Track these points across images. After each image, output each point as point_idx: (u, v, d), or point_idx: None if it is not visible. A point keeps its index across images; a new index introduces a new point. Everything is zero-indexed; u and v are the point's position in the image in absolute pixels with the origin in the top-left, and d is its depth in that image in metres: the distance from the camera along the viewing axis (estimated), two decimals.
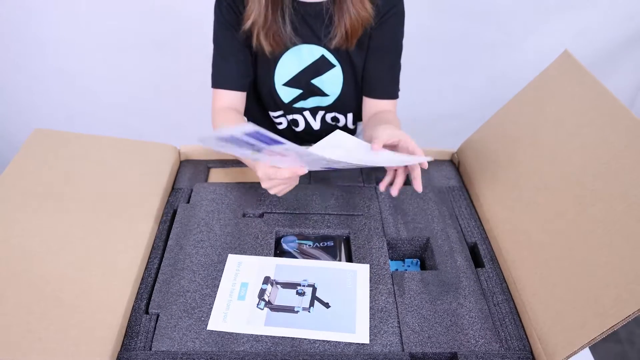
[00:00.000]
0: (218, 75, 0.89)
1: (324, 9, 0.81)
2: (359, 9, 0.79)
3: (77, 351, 0.55)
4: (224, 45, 0.87)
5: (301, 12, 0.83)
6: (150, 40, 1.46)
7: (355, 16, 0.80)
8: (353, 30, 0.81)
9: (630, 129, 0.62)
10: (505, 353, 0.60)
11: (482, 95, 1.53)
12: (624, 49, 1.51)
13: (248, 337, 0.60)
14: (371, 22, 0.82)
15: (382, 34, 0.86)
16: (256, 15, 0.79)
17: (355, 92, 0.94)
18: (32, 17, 1.41)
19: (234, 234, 0.75)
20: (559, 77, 0.77)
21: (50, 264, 0.64)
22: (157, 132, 1.59)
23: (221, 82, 0.89)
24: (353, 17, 0.80)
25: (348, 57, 0.88)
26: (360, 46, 0.87)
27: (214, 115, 0.89)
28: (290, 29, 0.82)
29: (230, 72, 0.88)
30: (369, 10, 0.80)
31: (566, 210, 0.65)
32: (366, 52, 0.88)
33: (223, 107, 0.89)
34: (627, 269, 0.54)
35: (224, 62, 0.87)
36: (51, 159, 0.79)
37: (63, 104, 1.62)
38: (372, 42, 0.87)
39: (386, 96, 0.92)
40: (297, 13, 0.82)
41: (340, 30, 0.82)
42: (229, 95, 0.89)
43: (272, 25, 0.81)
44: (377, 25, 0.84)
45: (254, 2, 0.78)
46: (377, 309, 0.64)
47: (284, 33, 0.82)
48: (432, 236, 0.76)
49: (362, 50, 0.87)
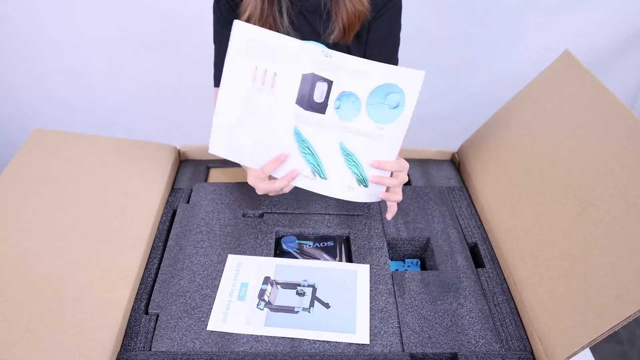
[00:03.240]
0: (220, 73, 0.88)
1: (321, 4, 0.82)
2: (355, 3, 0.80)
3: (77, 351, 0.55)
4: (224, 43, 0.87)
5: (299, 8, 0.83)
6: (150, 40, 1.46)
7: (352, 10, 0.80)
8: (350, 24, 0.82)
9: (630, 128, 0.62)
10: (505, 353, 0.60)
11: (482, 95, 1.53)
12: (625, 49, 1.51)
13: (248, 338, 0.60)
14: (368, 16, 0.82)
15: (380, 27, 0.86)
16: (252, 8, 0.79)
17: None
18: (32, 17, 1.41)
19: (233, 234, 0.75)
20: (559, 77, 0.77)
21: (50, 264, 0.64)
22: (157, 132, 1.58)
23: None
24: (350, 11, 0.80)
25: (347, 52, 0.88)
26: (359, 40, 0.87)
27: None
28: (287, 23, 0.82)
29: None
30: (365, 4, 0.81)
31: (566, 210, 0.65)
32: (364, 46, 0.88)
33: None
34: (627, 269, 0.54)
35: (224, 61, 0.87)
36: (51, 159, 0.79)
37: (63, 104, 1.62)
38: (370, 35, 0.87)
39: None
40: (294, 8, 0.82)
41: (338, 25, 0.82)
42: None
43: (268, 19, 0.81)
44: (374, 19, 0.84)
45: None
46: (377, 309, 0.64)
47: (281, 28, 0.82)
48: (432, 236, 0.76)
49: (360, 44, 0.88)
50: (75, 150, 0.82)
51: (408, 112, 0.65)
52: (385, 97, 0.64)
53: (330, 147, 0.67)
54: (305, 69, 0.64)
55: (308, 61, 0.64)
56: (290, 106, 0.66)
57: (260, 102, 0.67)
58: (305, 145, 0.68)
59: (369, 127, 0.66)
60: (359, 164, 0.68)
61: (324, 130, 0.66)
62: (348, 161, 0.68)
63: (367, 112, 0.65)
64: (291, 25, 0.83)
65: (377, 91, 0.64)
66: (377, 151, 0.67)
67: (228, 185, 0.84)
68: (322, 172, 0.69)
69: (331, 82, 0.64)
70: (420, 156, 0.95)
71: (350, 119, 0.65)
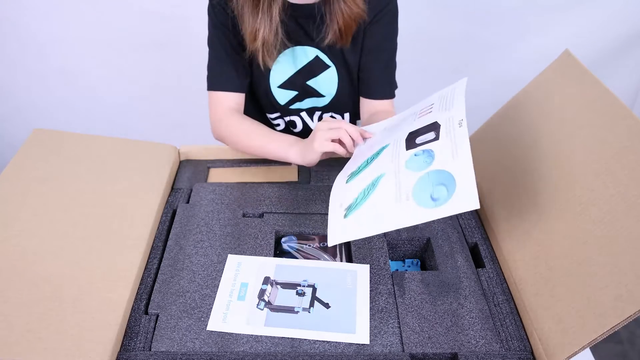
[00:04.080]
0: (217, 77, 0.87)
1: (315, 9, 0.81)
2: (350, 5, 0.79)
3: (77, 351, 0.55)
4: (219, 47, 0.86)
5: (293, 14, 0.82)
6: (150, 40, 1.46)
7: (347, 13, 0.79)
8: (347, 27, 0.81)
9: (630, 128, 0.62)
10: (505, 353, 0.60)
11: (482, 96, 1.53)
12: (625, 49, 1.51)
13: (248, 338, 0.60)
14: (364, 17, 0.82)
15: (376, 32, 0.85)
16: (265, 34, 0.78)
17: (351, 91, 0.94)
18: (32, 17, 1.41)
19: (233, 234, 0.74)
20: (559, 77, 0.77)
21: (50, 264, 0.64)
22: (157, 132, 1.58)
23: (220, 84, 0.87)
24: (345, 14, 0.79)
25: (342, 57, 0.88)
26: (355, 45, 0.86)
27: (222, 119, 0.87)
28: (282, 33, 0.81)
29: (228, 74, 0.87)
30: (360, 6, 0.80)
31: (566, 210, 0.65)
32: (360, 51, 0.88)
33: (228, 108, 0.88)
34: (627, 269, 0.54)
35: (223, 64, 0.86)
36: (51, 159, 0.79)
37: (63, 104, 1.62)
38: (366, 41, 0.86)
39: (383, 96, 0.92)
40: (288, 15, 0.82)
41: (333, 28, 0.81)
42: (231, 98, 0.88)
43: (273, 41, 0.80)
44: (370, 24, 0.84)
45: (254, 22, 0.77)
46: (377, 309, 0.64)
47: (277, 42, 0.82)
48: (432, 236, 0.76)
49: (356, 49, 0.87)
50: (75, 150, 0.82)
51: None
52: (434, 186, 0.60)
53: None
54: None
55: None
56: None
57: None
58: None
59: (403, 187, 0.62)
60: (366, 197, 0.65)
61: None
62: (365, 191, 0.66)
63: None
64: (286, 35, 0.82)
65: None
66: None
67: (228, 185, 0.84)
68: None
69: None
70: None
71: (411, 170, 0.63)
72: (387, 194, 0.63)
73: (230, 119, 0.87)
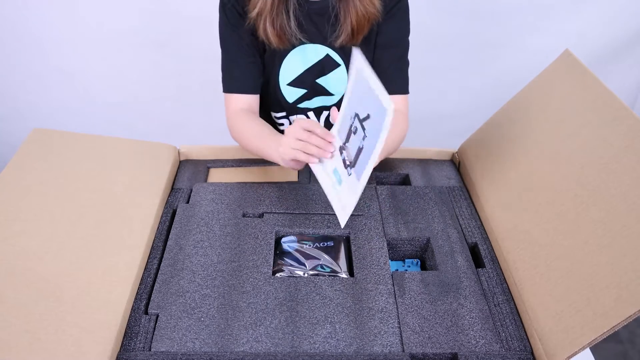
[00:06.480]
0: (230, 79, 0.87)
1: (329, 7, 0.81)
2: (366, 5, 0.78)
3: (76, 351, 0.55)
4: (232, 48, 0.86)
5: (307, 10, 0.82)
6: (150, 40, 1.46)
7: (362, 12, 0.78)
8: (359, 26, 0.80)
9: (630, 128, 0.62)
10: (505, 354, 0.60)
11: (483, 95, 1.53)
12: (626, 48, 1.51)
13: (248, 338, 0.60)
14: (379, 18, 0.81)
15: (390, 29, 0.85)
16: (262, 4, 0.78)
17: None
18: (32, 17, 1.41)
19: (233, 234, 0.74)
20: (559, 77, 0.77)
21: (50, 263, 0.64)
22: (157, 132, 1.59)
23: (234, 86, 0.87)
24: (360, 14, 0.79)
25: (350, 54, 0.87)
26: (367, 43, 0.86)
27: (231, 119, 0.88)
28: (294, 25, 0.81)
29: (242, 75, 0.87)
30: (376, 6, 0.79)
31: (566, 210, 0.65)
32: (373, 48, 0.87)
33: (237, 109, 0.88)
34: (627, 269, 0.54)
35: (234, 66, 0.86)
36: (51, 159, 0.79)
37: (63, 104, 1.62)
38: (379, 38, 0.86)
39: (397, 91, 0.90)
40: (302, 9, 0.81)
41: (346, 28, 0.81)
42: (242, 99, 0.88)
43: (278, 15, 0.80)
44: (383, 21, 0.83)
45: None
46: (377, 309, 0.64)
47: (288, 29, 0.81)
48: (432, 236, 0.76)
49: (368, 47, 0.86)
50: (75, 150, 0.82)
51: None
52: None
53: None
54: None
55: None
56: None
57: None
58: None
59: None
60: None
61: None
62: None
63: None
64: (299, 28, 0.83)
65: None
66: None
67: (228, 185, 0.84)
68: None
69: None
70: (420, 156, 0.95)
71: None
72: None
73: (237, 120, 0.87)
